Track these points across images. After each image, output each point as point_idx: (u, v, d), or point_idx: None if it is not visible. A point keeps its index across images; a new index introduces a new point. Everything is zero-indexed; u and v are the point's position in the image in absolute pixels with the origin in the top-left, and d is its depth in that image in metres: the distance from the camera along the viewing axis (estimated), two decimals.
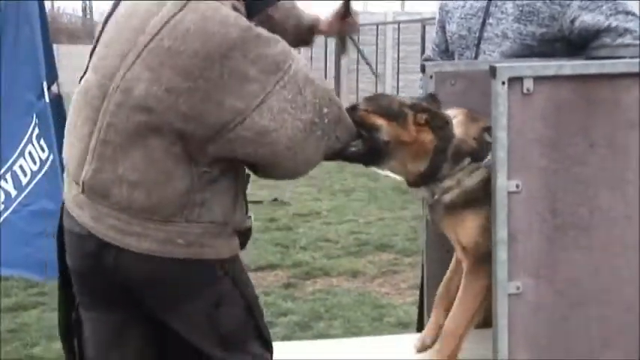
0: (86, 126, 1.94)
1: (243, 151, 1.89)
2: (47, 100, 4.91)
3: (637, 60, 2.05)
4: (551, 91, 1.89)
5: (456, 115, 2.08)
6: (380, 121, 2.02)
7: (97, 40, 2.03)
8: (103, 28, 2.02)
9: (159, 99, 1.85)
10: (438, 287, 2.24)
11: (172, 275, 1.93)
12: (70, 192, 2.00)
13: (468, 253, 2.06)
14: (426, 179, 2.05)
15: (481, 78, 2.02)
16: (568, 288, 1.93)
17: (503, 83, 1.87)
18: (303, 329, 4.34)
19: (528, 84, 1.88)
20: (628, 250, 1.95)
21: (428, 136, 2.03)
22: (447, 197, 2.04)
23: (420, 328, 2.56)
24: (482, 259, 1.97)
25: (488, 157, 1.98)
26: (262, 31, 1.91)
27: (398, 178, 2.16)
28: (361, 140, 2.01)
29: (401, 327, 4.21)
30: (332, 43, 18.33)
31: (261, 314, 2.07)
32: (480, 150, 2.03)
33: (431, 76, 2.29)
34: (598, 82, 1.91)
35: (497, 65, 1.87)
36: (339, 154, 2.01)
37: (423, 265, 2.49)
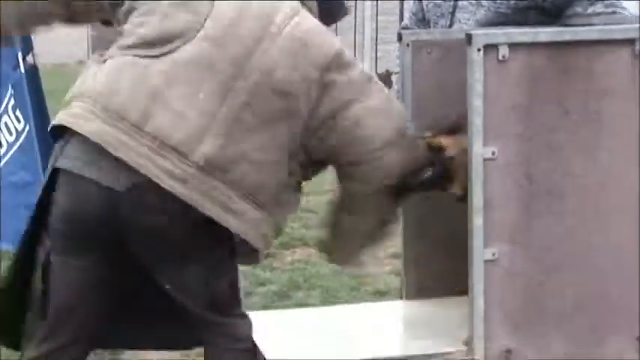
0: (212, 99, 1.94)
1: (340, 141, 2.04)
2: (22, 70, 4.86)
3: (611, 27, 2.06)
4: (526, 58, 1.90)
5: None
6: (444, 141, 2.08)
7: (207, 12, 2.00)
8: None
9: (296, 85, 1.98)
10: (414, 254, 2.27)
11: (193, 244, 1.97)
12: (150, 160, 1.91)
13: None
14: None
15: (457, 46, 2.03)
16: (542, 254, 1.95)
17: (479, 50, 1.88)
18: (282, 299, 4.35)
19: (504, 51, 1.89)
20: (601, 216, 1.98)
21: None
22: None
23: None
24: None
25: None
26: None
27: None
28: (431, 166, 2.07)
29: (379, 296, 4.22)
30: None
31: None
32: None
33: (407, 45, 2.29)
34: (573, 50, 1.92)
35: (472, 33, 1.88)
36: (414, 181, 2.08)
37: None
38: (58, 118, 2.00)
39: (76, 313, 2.02)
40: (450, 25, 2.50)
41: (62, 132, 1.99)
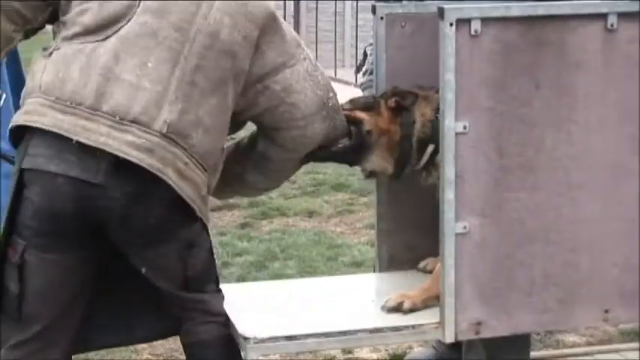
0: (163, 67, 1.93)
1: (267, 104, 2.06)
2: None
3: (583, 2, 2.07)
4: (498, 32, 1.91)
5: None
6: (361, 115, 2.17)
7: None
8: None
9: (240, 45, 2.00)
10: (388, 225, 2.29)
11: (165, 221, 1.97)
12: (113, 137, 1.90)
13: None
14: (399, 169, 2.18)
15: (431, 20, 2.03)
16: (513, 227, 1.97)
17: (451, 25, 1.88)
18: (259, 269, 4.36)
19: (476, 25, 1.89)
20: (572, 190, 2.00)
21: (396, 121, 2.16)
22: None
23: None
24: None
25: None
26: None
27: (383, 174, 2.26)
28: (348, 137, 2.16)
29: (355, 266, 4.24)
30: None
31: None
32: (437, 133, 2.01)
33: (381, 18, 2.28)
34: (545, 24, 1.93)
35: (445, 7, 1.88)
36: (329, 150, 2.16)
37: None
38: (14, 120, 1.98)
39: (56, 310, 2.01)
40: None
41: (22, 134, 1.97)
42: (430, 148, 2.12)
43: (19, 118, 1.97)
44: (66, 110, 1.91)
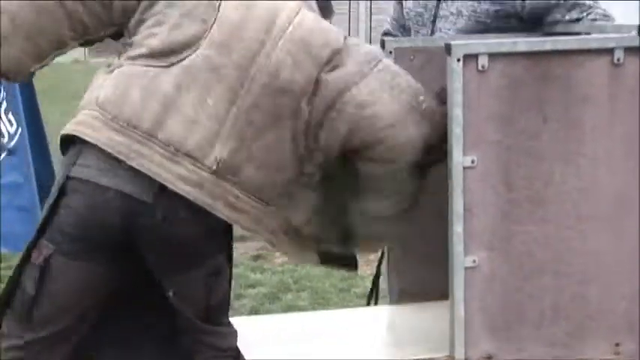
0: (221, 104, 1.97)
1: (347, 126, 2.03)
2: None
3: (589, 37, 2.09)
4: (505, 67, 1.93)
5: None
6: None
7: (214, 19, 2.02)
8: (217, 8, 2.02)
9: (299, 84, 2.00)
10: (397, 261, 2.30)
11: (203, 248, 2.00)
12: (164, 167, 1.93)
13: None
14: None
15: (439, 54, 2.05)
16: (522, 260, 1.98)
17: (459, 60, 1.90)
18: (272, 301, 4.38)
19: (483, 61, 1.91)
20: (581, 222, 2.01)
21: None
22: None
23: (370, 301, 2.61)
24: None
25: None
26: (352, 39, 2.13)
27: None
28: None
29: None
30: None
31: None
32: None
33: (390, 52, 2.32)
34: (551, 59, 1.95)
35: (452, 43, 1.91)
36: (438, 154, 2.04)
37: None
38: (66, 129, 2.01)
39: (67, 319, 2.02)
40: (432, 34, 2.52)
41: (71, 143, 2.00)
42: None
43: (72, 128, 1.99)
44: (121, 131, 1.94)
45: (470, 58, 1.90)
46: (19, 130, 5.24)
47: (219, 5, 2.03)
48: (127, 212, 1.94)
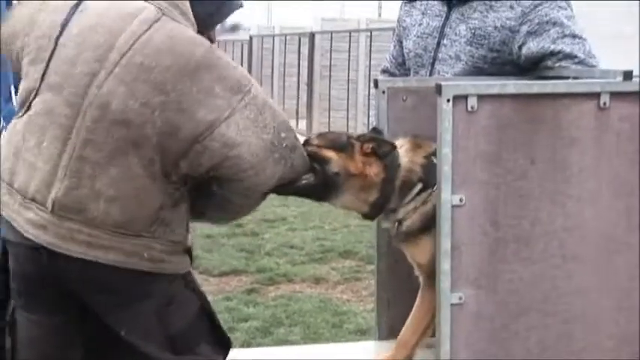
0: (54, 145, 1.98)
1: (211, 162, 1.99)
2: (14, 103, 4.91)
3: (576, 81, 2.13)
4: (494, 108, 1.97)
5: (401, 145, 2.18)
6: (329, 154, 2.13)
7: (49, 59, 2.03)
8: (54, 46, 2.03)
9: (136, 113, 1.95)
10: (388, 295, 2.32)
11: (128, 282, 2.01)
12: (20, 214, 2.01)
13: (423, 270, 2.18)
14: (376, 210, 2.17)
15: (431, 94, 2.09)
16: (508, 298, 2.00)
17: (448, 101, 1.94)
18: (264, 335, 4.40)
19: (472, 102, 1.95)
20: (567, 262, 2.03)
21: (375, 166, 2.13)
22: (405, 225, 2.17)
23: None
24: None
25: None
26: (222, 54, 2.04)
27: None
28: (313, 174, 2.11)
29: (359, 334, 4.27)
30: (304, 48, 18.26)
31: (216, 318, 2.13)
32: (428, 175, 2.12)
33: (383, 92, 2.36)
34: (539, 101, 1.99)
35: (442, 83, 1.95)
36: (291, 187, 2.11)
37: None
38: None
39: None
40: (430, 76, 2.56)
41: None
42: (416, 188, 2.14)
43: None
44: (4, 186, 2.06)
45: (459, 98, 1.94)
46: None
47: (57, 40, 2.02)
48: (35, 260, 2.02)
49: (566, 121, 2.00)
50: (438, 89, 1.95)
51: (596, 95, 2.00)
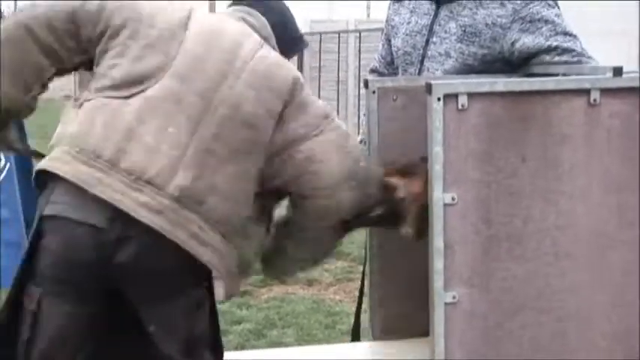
0: (182, 132, 2.00)
1: (291, 172, 2.09)
2: None
3: (566, 78, 2.13)
4: (484, 107, 1.97)
5: None
6: (395, 182, 2.18)
7: (175, 51, 2.06)
8: (182, 40, 2.07)
9: (262, 118, 2.05)
10: (380, 295, 2.32)
11: (176, 270, 2.02)
12: (127, 195, 1.95)
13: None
14: (421, 231, 2.14)
15: (421, 93, 2.09)
16: (502, 296, 2.00)
17: (439, 99, 1.94)
18: (257, 337, 4.38)
19: (463, 100, 1.95)
20: (560, 259, 2.03)
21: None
22: None
23: (355, 336, 2.63)
24: None
25: None
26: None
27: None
28: (382, 205, 2.16)
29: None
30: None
31: (218, 325, 2.17)
32: None
33: (374, 92, 2.36)
34: (530, 99, 1.99)
35: (432, 82, 1.95)
36: (365, 218, 2.17)
37: (362, 276, 2.57)
38: (39, 165, 2.05)
39: (66, 353, 2.03)
40: (419, 74, 2.56)
41: (46, 181, 2.04)
42: None
43: (44, 163, 2.04)
44: (87, 162, 1.98)
45: (450, 97, 1.94)
46: (7, 165, 5.25)
47: (183, 39, 2.08)
48: (97, 245, 1.96)
49: (556, 118, 2.00)
50: (428, 88, 1.94)
51: (586, 92, 2.00)
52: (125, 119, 2.00)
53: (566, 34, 2.43)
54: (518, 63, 2.48)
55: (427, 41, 2.58)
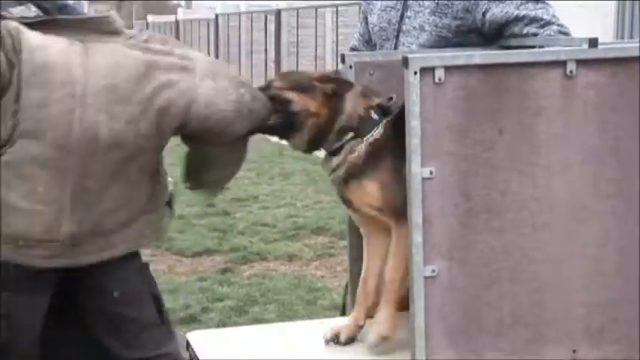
0: (52, 188, 2.01)
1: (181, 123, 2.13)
2: None
3: (542, 50, 2.13)
4: (461, 80, 1.96)
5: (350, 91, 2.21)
6: (291, 95, 2.21)
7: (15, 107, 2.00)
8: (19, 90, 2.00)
9: (124, 131, 2.03)
10: (359, 273, 2.32)
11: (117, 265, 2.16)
12: (23, 254, 2.05)
13: (387, 211, 2.17)
14: (311, 144, 2.23)
15: (398, 68, 2.08)
16: (480, 269, 2.01)
17: (415, 73, 1.93)
18: (239, 314, 4.39)
19: (439, 74, 1.94)
20: (537, 231, 2.04)
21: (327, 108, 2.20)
22: (339, 173, 2.19)
23: (343, 312, 2.63)
24: (402, 211, 2.04)
25: (372, 133, 2.14)
26: (154, 41, 2.14)
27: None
28: (277, 114, 2.21)
29: (334, 309, 4.26)
30: (271, 25, 18.16)
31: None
32: (363, 126, 2.16)
33: (350, 66, 2.34)
34: (506, 71, 1.99)
35: (409, 56, 1.94)
36: (262, 127, 2.23)
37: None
38: None
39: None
40: (395, 49, 2.56)
41: None
42: (349, 135, 2.18)
43: None
44: None
45: (426, 71, 1.93)
46: None
47: (20, 90, 1.99)
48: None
49: (532, 90, 2.00)
50: (405, 62, 1.94)
51: (563, 63, 2.00)
52: None
53: (537, 1, 2.43)
54: (490, 34, 2.48)
55: (402, 16, 2.58)
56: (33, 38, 1.98)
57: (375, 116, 2.17)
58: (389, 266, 2.21)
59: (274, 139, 2.46)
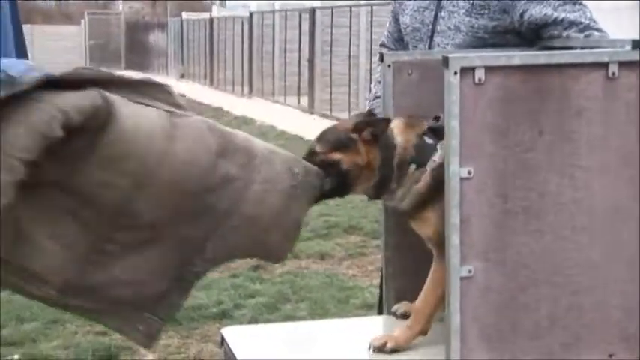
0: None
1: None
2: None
3: (584, 51, 2.11)
4: (501, 80, 1.95)
5: (395, 125, 2.19)
6: (337, 156, 2.18)
7: None
8: None
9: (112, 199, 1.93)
10: (395, 271, 2.32)
11: None
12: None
13: (434, 242, 2.18)
14: (378, 191, 2.20)
15: (436, 67, 2.07)
16: (517, 270, 2.00)
17: (456, 73, 1.92)
18: (270, 311, 4.40)
19: (480, 74, 1.94)
20: (575, 233, 2.03)
21: (376, 151, 2.18)
22: (404, 205, 2.18)
23: (380, 310, 2.63)
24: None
25: (432, 159, 2.11)
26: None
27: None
28: (329, 178, 2.17)
29: (366, 308, 4.28)
30: (305, 24, 18.25)
31: None
32: (422, 155, 2.14)
33: (389, 65, 2.34)
34: (546, 72, 1.97)
35: (449, 56, 1.93)
36: (318, 198, 2.19)
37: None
38: None
39: None
40: (429, 49, 2.55)
41: None
42: (412, 167, 2.16)
43: None
44: None
45: (467, 71, 1.92)
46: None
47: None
48: None
49: (573, 92, 1.99)
50: (445, 62, 1.93)
51: (605, 65, 1.98)
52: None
53: (574, 3, 2.42)
54: (528, 35, 2.46)
55: (436, 16, 2.57)
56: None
57: (429, 141, 2.15)
58: (420, 294, 2.22)
59: (307, 137, 2.46)
